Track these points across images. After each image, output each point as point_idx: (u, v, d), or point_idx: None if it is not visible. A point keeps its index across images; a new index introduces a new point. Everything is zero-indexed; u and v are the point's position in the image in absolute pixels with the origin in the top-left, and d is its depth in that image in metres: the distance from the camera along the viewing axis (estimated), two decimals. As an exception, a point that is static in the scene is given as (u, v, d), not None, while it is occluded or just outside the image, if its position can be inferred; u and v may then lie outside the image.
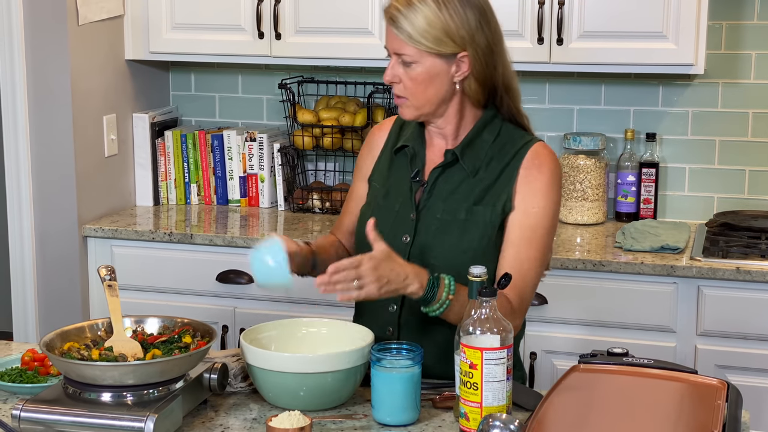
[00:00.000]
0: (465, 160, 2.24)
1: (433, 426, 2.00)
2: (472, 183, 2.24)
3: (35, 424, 1.91)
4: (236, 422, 2.02)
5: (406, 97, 2.22)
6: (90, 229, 3.63)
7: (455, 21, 2.17)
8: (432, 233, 2.23)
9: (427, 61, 2.18)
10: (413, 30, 2.16)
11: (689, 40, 3.30)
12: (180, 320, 2.16)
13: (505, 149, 2.25)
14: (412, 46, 2.17)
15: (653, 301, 3.18)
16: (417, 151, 2.30)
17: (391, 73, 2.21)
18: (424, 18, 2.15)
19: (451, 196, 2.24)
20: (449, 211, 2.23)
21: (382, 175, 2.35)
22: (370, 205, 2.34)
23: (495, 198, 2.22)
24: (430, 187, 2.26)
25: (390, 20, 2.18)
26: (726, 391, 1.83)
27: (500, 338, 1.89)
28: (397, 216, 2.27)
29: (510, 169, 2.23)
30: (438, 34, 2.16)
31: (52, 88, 3.57)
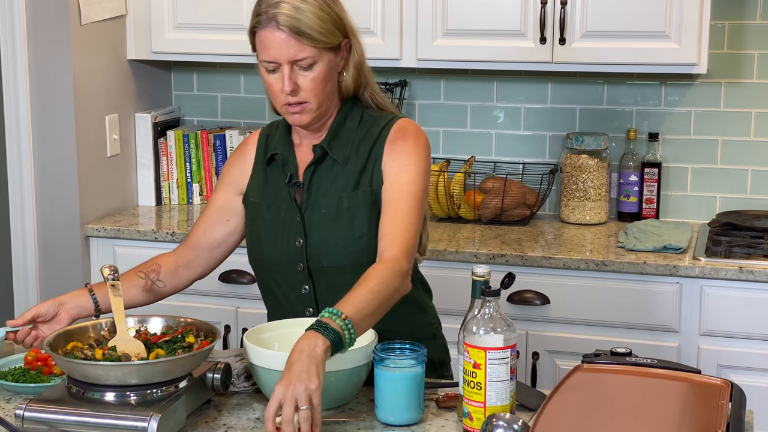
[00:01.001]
0: (333, 151, 2.26)
1: (437, 426, 2.00)
2: (346, 171, 2.26)
3: (39, 423, 1.91)
4: (239, 422, 2.02)
5: (307, 101, 2.20)
6: (92, 229, 3.63)
7: (335, 11, 2.20)
8: (322, 229, 2.24)
9: (325, 57, 2.19)
10: (311, 30, 2.14)
11: (692, 40, 3.30)
12: (183, 320, 2.17)
13: (370, 132, 2.27)
14: (311, 47, 2.15)
15: (656, 301, 3.18)
16: (287, 156, 2.30)
17: (290, 83, 2.16)
18: (315, 15, 2.15)
19: (330, 189, 2.26)
20: (332, 204, 2.25)
21: (259, 190, 2.34)
22: (255, 221, 2.33)
23: (368, 177, 2.25)
24: (307, 186, 2.27)
25: (282, 27, 2.14)
26: (730, 390, 1.83)
27: (504, 338, 1.89)
28: (284, 223, 2.28)
29: (377, 148, 2.25)
30: (329, 27, 2.18)
31: (55, 88, 3.57)
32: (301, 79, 2.18)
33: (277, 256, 2.28)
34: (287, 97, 2.18)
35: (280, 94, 2.19)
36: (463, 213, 3.68)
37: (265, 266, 2.32)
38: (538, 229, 3.59)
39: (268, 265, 2.31)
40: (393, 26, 3.53)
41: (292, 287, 2.29)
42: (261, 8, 2.18)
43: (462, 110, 3.86)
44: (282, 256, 2.27)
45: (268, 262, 2.30)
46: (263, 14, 2.16)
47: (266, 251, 2.30)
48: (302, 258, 2.25)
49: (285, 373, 1.84)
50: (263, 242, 2.30)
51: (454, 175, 3.71)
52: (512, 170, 3.76)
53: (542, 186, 3.67)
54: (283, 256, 2.27)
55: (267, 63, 2.18)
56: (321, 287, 2.27)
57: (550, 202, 3.80)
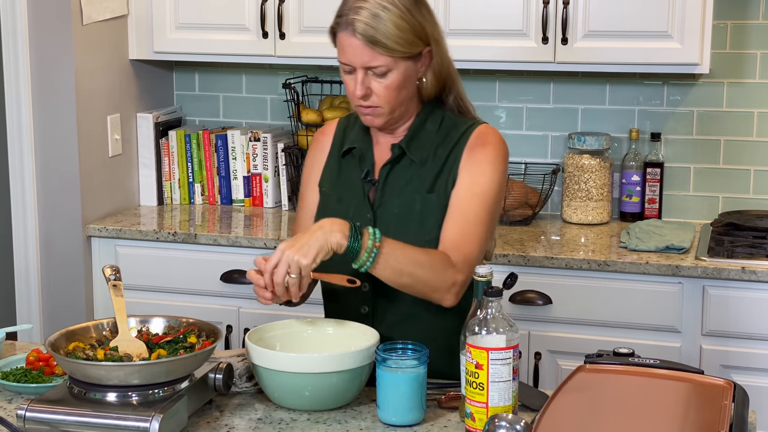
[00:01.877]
0: (412, 151, 2.24)
1: (439, 426, 2.00)
2: (422, 173, 2.24)
3: (40, 424, 1.91)
4: (241, 422, 2.02)
5: (379, 106, 2.20)
6: (94, 229, 3.63)
7: (418, 20, 2.16)
8: (392, 229, 2.22)
9: (401, 66, 2.17)
10: (387, 40, 2.12)
11: (694, 40, 3.29)
12: (185, 320, 2.16)
13: (450, 136, 2.26)
14: (385, 56, 2.14)
15: (658, 301, 3.18)
16: (365, 152, 2.29)
17: (362, 88, 2.16)
18: (394, 24, 2.13)
19: (404, 189, 2.24)
20: (405, 204, 2.23)
21: (331, 180, 2.33)
22: (324, 211, 2.31)
23: (445, 182, 2.23)
24: (381, 184, 2.26)
25: (357, 34, 2.12)
26: (732, 391, 1.82)
27: (506, 338, 1.89)
28: (353, 218, 2.24)
29: (455, 152, 2.24)
30: (409, 37, 2.15)
31: (57, 88, 3.57)
32: (374, 85, 2.16)
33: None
34: (359, 99, 2.18)
35: (353, 95, 2.19)
36: (465, 213, 3.67)
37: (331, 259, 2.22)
38: (541, 229, 3.59)
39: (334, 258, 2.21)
40: (395, 26, 3.52)
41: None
42: (343, 9, 2.17)
43: (464, 110, 3.85)
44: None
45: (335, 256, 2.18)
46: (343, 16, 2.15)
47: None
48: None
49: (297, 236, 2.07)
50: None
51: (456, 175, 3.70)
52: (514, 170, 3.75)
53: (544, 186, 3.67)
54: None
55: (343, 64, 2.18)
56: (381, 286, 2.21)
57: (552, 202, 3.79)
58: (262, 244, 3.47)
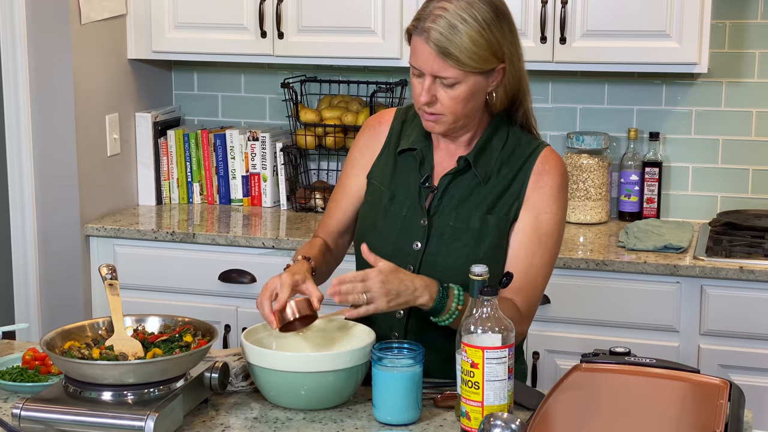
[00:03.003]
0: (477, 167, 2.20)
1: (435, 425, 2.00)
2: (484, 190, 2.20)
3: (36, 423, 1.91)
4: (237, 421, 2.01)
5: (442, 114, 2.14)
6: (92, 228, 3.63)
7: (496, 37, 2.10)
8: (445, 241, 2.19)
9: (471, 80, 2.11)
10: (460, 53, 2.06)
11: (693, 39, 3.29)
12: (181, 319, 2.16)
13: (514, 155, 2.22)
14: (456, 69, 2.08)
15: (656, 300, 3.18)
16: (425, 155, 2.25)
17: (428, 95, 2.11)
18: (470, 39, 2.06)
19: (463, 203, 2.21)
20: (462, 219, 2.20)
21: (384, 175, 2.28)
22: (373, 206, 2.28)
23: (507, 206, 2.20)
24: (441, 193, 2.22)
25: (430, 43, 2.07)
26: (728, 390, 1.82)
27: (501, 337, 1.88)
28: (405, 221, 2.23)
29: (521, 176, 2.21)
30: (484, 53, 2.09)
31: (55, 88, 3.57)
32: (441, 93, 2.12)
33: (388, 250, 2.20)
34: (424, 105, 2.14)
35: (418, 98, 2.14)
36: (464, 212, 3.68)
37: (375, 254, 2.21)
38: (539, 228, 3.59)
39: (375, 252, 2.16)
40: (393, 25, 3.52)
41: None
42: (422, 13, 2.11)
43: (462, 110, 3.85)
44: (394, 252, 2.20)
45: (379, 253, 2.15)
46: (420, 21, 2.09)
47: (378, 242, 2.21)
48: (416, 261, 2.20)
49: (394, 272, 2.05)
50: (378, 232, 2.24)
51: (454, 175, 3.70)
52: (513, 170, 3.75)
53: (543, 185, 3.66)
54: (394, 253, 2.19)
55: (413, 67, 2.13)
56: (416, 315, 2.20)
57: (551, 201, 3.79)
58: (260, 244, 3.47)
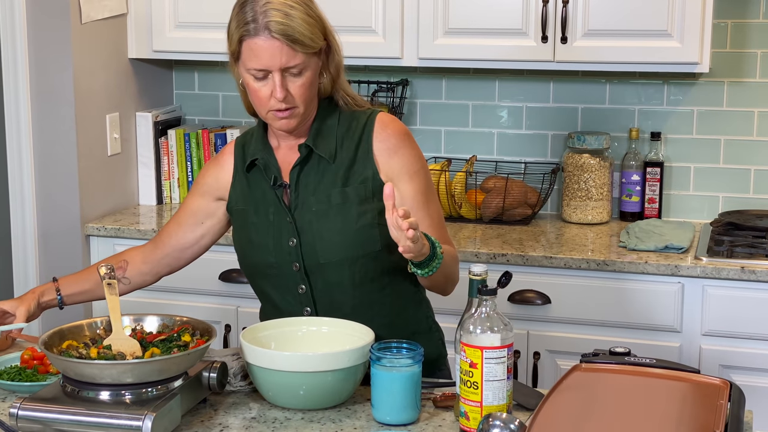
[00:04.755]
0: (319, 149, 2.25)
1: (434, 425, 1.99)
2: (334, 168, 2.25)
3: (33, 422, 1.91)
4: (236, 421, 2.01)
5: (296, 106, 2.20)
6: (93, 228, 3.63)
7: (317, 13, 2.20)
8: (314, 227, 2.24)
9: (312, 62, 2.19)
10: (302, 36, 2.14)
11: (694, 39, 3.28)
12: (179, 319, 2.16)
13: (351, 128, 2.28)
14: (302, 54, 2.15)
15: (658, 300, 3.17)
16: (267, 159, 2.29)
17: (283, 90, 2.16)
18: (303, 21, 2.14)
19: (318, 186, 2.26)
20: (322, 201, 2.25)
21: (243, 196, 2.33)
22: (244, 227, 2.32)
23: (361, 174, 2.25)
24: (294, 185, 2.27)
25: (275, 36, 2.12)
26: (729, 390, 1.81)
27: (500, 337, 1.88)
28: (274, 225, 2.27)
29: (365, 144, 2.26)
30: (316, 32, 2.17)
31: (55, 87, 3.56)
32: (291, 86, 2.17)
33: (270, 258, 2.27)
34: (278, 103, 2.18)
35: (268, 100, 2.18)
36: (465, 212, 3.67)
37: (260, 270, 2.31)
38: (540, 228, 3.58)
39: (262, 269, 2.30)
40: (394, 25, 3.52)
41: (288, 288, 2.28)
42: (247, 16, 2.15)
43: (463, 109, 3.85)
44: (276, 257, 2.27)
45: (262, 265, 2.29)
46: (251, 22, 2.13)
47: (259, 255, 2.29)
48: (297, 257, 2.25)
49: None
50: (255, 246, 2.30)
51: (455, 175, 3.70)
52: (514, 169, 3.74)
53: (544, 185, 3.66)
54: (277, 258, 2.27)
55: (257, 71, 2.16)
56: (317, 285, 2.26)
57: (552, 201, 3.78)
58: (260, 244, 3.46)
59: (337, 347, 2.13)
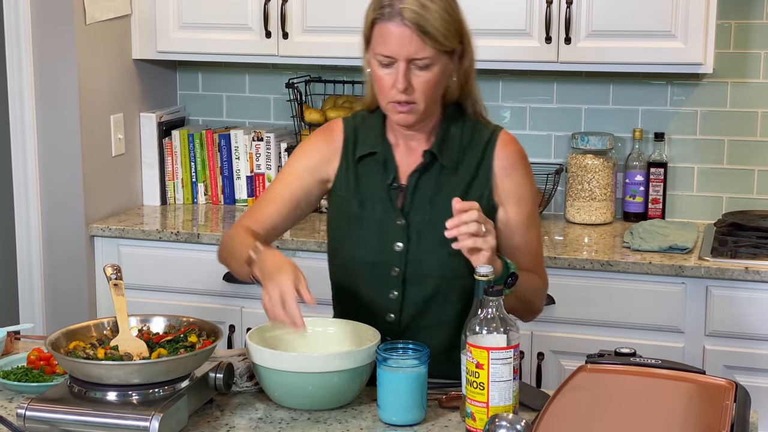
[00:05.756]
0: (443, 158, 2.21)
1: (440, 426, 1.99)
2: (454, 180, 2.21)
3: (40, 423, 1.91)
4: (242, 421, 2.01)
5: (416, 102, 2.14)
6: (97, 229, 3.63)
7: (458, 13, 2.15)
8: (425, 236, 2.19)
9: (442, 60, 2.13)
10: (435, 30, 2.08)
11: (698, 40, 3.29)
12: (186, 319, 2.16)
13: (474, 141, 2.24)
14: (431, 48, 2.10)
15: (661, 301, 3.17)
16: (387, 156, 2.24)
17: (405, 80, 2.10)
18: (440, 16, 2.09)
19: (436, 196, 2.21)
20: (437, 212, 2.19)
21: (348, 185, 2.26)
22: (346, 218, 2.26)
23: (478, 192, 2.21)
24: (412, 190, 2.22)
25: (407, 23, 2.07)
26: (734, 391, 1.82)
27: (507, 338, 1.88)
28: (382, 225, 2.22)
29: (486, 162, 2.22)
30: (452, 31, 2.12)
31: (60, 88, 3.57)
32: (414, 79, 2.11)
33: (370, 257, 2.22)
34: (398, 94, 2.12)
35: (390, 90, 2.12)
36: (468, 213, 3.67)
37: (353, 265, 2.25)
38: (544, 228, 3.58)
39: (356, 265, 2.24)
40: (398, 26, 3.52)
41: (380, 290, 2.23)
42: (385, 1, 2.10)
43: (467, 110, 3.85)
44: (376, 257, 2.21)
45: (359, 262, 2.23)
46: (387, 6, 2.09)
47: (358, 251, 2.24)
48: (400, 263, 2.20)
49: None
50: (355, 241, 2.24)
51: (459, 175, 3.70)
52: (517, 170, 3.74)
53: (547, 186, 3.66)
54: (377, 258, 2.21)
55: (383, 57, 2.11)
56: (411, 294, 2.21)
57: (556, 202, 3.79)
58: (264, 244, 3.46)
59: (344, 348, 2.13)
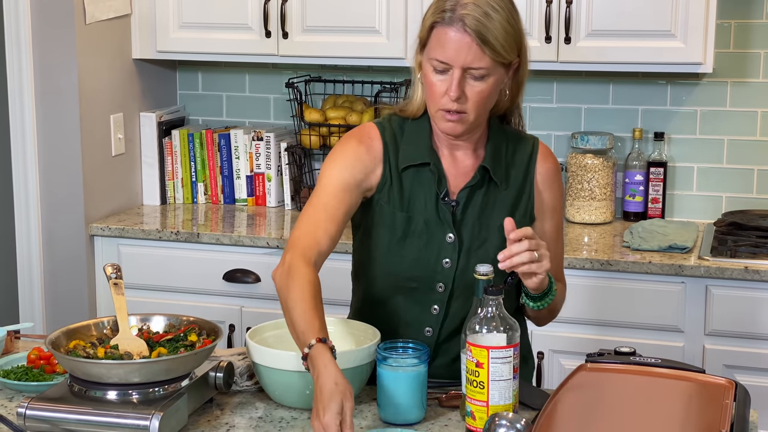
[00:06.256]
0: (496, 173, 2.17)
1: (440, 425, 2.00)
2: (502, 195, 2.18)
3: (41, 422, 1.91)
4: (242, 421, 2.01)
5: (466, 112, 2.08)
6: (97, 228, 3.63)
7: (520, 28, 2.09)
8: (474, 252, 2.16)
9: (498, 72, 2.07)
10: (495, 41, 2.02)
11: (698, 39, 3.29)
12: (186, 318, 2.16)
13: (517, 155, 2.21)
14: (490, 59, 2.03)
15: (661, 300, 3.17)
16: (439, 168, 2.17)
17: (459, 89, 2.04)
18: (502, 27, 2.03)
19: (483, 211, 2.17)
20: (486, 228, 2.16)
21: (393, 196, 2.17)
22: (387, 229, 2.17)
23: (524, 207, 2.20)
24: (462, 205, 2.17)
25: (468, 30, 2.01)
26: (734, 390, 1.82)
27: (506, 337, 1.88)
28: (430, 239, 2.16)
29: (530, 177, 2.21)
30: (512, 43, 2.06)
31: (60, 87, 3.57)
32: (468, 89, 2.05)
33: (416, 272, 2.16)
34: (449, 102, 2.05)
35: (442, 97, 2.06)
36: (468, 212, 3.67)
37: (398, 280, 2.18)
38: (543, 228, 3.58)
39: (398, 280, 2.17)
40: (398, 26, 3.52)
41: (420, 305, 2.18)
42: (447, 4, 2.04)
43: (467, 109, 3.85)
44: (422, 273, 2.16)
45: (402, 277, 2.16)
46: (449, 11, 2.02)
47: (404, 266, 2.17)
48: (448, 279, 2.16)
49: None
50: (398, 255, 2.17)
51: (459, 175, 3.70)
52: (517, 170, 3.75)
53: (547, 185, 3.66)
54: (423, 273, 2.16)
55: (438, 62, 2.05)
56: (454, 310, 2.18)
57: (556, 201, 3.78)
58: (264, 244, 3.46)
59: (344, 347, 2.13)
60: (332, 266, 2.40)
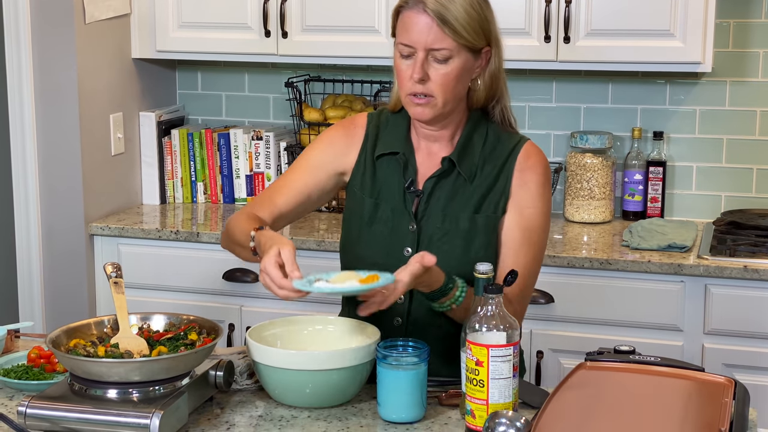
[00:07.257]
0: (461, 166, 2.20)
1: (440, 423, 2.00)
2: (470, 189, 2.20)
3: (41, 420, 1.91)
4: (242, 419, 2.02)
5: (432, 96, 2.13)
6: (96, 228, 3.64)
7: (485, 13, 2.14)
8: (435, 244, 2.18)
9: (462, 55, 2.12)
10: (456, 22, 2.08)
11: (697, 38, 3.29)
12: (186, 317, 2.16)
13: (496, 152, 2.22)
14: (451, 39, 2.09)
15: (660, 299, 3.18)
16: (408, 158, 2.23)
17: (421, 71, 2.09)
18: (464, 10, 2.09)
19: (450, 203, 2.20)
20: (450, 220, 2.19)
21: (365, 183, 2.25)
22: (357, 216, 2.25)
23: (494, 204, 2.20)
24: (427, 196, 2.21)
25: (428, 11, 2.08)
26: (733, 388, 1.82)
27: (506, 335, 1.88)
28: (393, 228, 2.21)
29: (505, 173, 2.20)
30: (476, 27, 2.11)
31: (59, 87, 3.57)
32: (432, 71, 2.11)
33: (379, 259, 2.20)
34: (414, 85, 2.11)
35: (408, 81, 2.12)
36: (468, 212, 3.68)
37: (363, 266, 2.20)
38: (543, 227, 3.58)
39: (366, 266, 2.18)
40: (397, 25, 3.52)
41: None
42: None
43: (466, 109, 3.85)
44: (385, 260, 2.18)
45: (368, 263, 2.19)
46: None
47: (368, 252, 2.23)
48: None
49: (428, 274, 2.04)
50: (367, 242, 2.23)
51: (458, 174, 3.70)
52: (517, 169, 3.75)
53: (547, 185, 3.66)
54: (386, 261, 2.17)
55: (403, 46, 2.11)
56: (418, 300, 2.19)
57: (555, 200, 3.79)
58: (264, 243, 3.46)
59: (344, 345, 2.14)
60: (332, 266, 2.40)
